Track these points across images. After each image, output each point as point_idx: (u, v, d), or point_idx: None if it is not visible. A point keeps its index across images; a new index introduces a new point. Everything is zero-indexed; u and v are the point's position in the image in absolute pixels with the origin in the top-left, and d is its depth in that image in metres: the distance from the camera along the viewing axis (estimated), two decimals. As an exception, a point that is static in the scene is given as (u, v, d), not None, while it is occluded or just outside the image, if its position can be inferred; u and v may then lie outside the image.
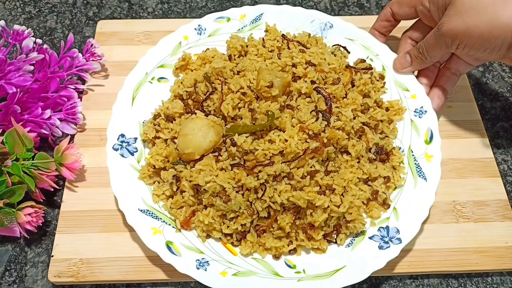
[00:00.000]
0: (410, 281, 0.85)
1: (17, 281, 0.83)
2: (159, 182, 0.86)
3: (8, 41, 0.97)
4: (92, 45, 1.02)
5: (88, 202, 0.88)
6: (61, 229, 0.85)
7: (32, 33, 0.98)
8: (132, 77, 0.95)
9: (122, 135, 0.89)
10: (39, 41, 0.97)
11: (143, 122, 0.92)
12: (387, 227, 0.82)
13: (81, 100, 0.98)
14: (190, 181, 0.81)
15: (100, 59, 1.02)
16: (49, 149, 0.94)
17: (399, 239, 0.80)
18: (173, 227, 0.82)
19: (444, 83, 0.97)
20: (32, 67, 0.93)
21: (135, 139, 0.90)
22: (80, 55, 1.00)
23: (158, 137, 0.89)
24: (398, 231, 0.81)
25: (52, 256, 0.83)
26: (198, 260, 0.78)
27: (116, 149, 0.87)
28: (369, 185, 0.86)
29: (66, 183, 0.90)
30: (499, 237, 0.87)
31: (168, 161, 0.85)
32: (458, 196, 0.91)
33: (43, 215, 0.84)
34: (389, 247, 0.80)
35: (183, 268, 0.76)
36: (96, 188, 0.90)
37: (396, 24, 1.02)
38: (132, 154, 0.88)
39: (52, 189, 0.87)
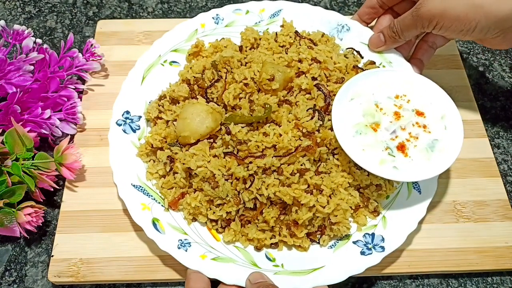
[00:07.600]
0: (410, 281, 0.85)
1: (17, 281, 0.83)
2: (154, 161, 0.87)
3: (8, 41, 0.97)
4: (92, 45, 1.01)
5: (88, 202, 0.88)
6: (61, 229, 0.85)
7: (32, 33, 0.98)
8: (145, 58, 0.97)
9: (127, 112, 0.91)
10: (39, 41, 0.97)
11: (149, 102, 0.93)
12: (373, 234, 0.82)
13: (81, 100, 0.98)
14: (183, 164, 0.82)
15: (100, 59, 1.02)
16: (49, 149, 0.94)
17: (382, 247, 0.80)
18: (162, 205, 0.83)
19: (421, 55, 0.98)
20: (32, 67, 0.93)
21: (140, 117, 0.91)
22: (80, 55, 0.99)
23: (160, 118, 0.90)
24: (383, 239, 0.81)
25: (52, 256, 0.83)
26: (181, 240, 0.80)
27: (120, 125, 0.89)
28: (360, 192, 0.85)
29: (66, 183, 0.90)
30: (499, 237, 0.87)
31: (166, 141, 0.87)
32: (458, 196, 0.91)
33: (43, 215, 0.84)
34: (371, 253, 0.79)
35: (164, 246, 0.78)
36: (96, 188, 0.90)
37: (381, 12, 1.01)
38: (134, 131, 0.90)
39: (52, 189, 0.87)
